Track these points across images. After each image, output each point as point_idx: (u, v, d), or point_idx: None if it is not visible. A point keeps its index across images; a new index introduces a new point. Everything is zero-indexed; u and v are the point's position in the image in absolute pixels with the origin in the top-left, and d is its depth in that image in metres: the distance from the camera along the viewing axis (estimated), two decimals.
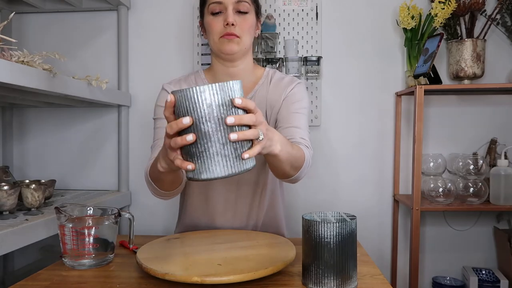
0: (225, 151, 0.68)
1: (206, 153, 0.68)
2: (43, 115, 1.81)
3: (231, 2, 1.07)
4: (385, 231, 1.75)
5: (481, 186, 1.52)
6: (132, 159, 1.77)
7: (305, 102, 1.14)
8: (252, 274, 0.82)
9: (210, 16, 1.09)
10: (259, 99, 1.16)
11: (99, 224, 0.95)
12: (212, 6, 1.08)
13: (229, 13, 1.07)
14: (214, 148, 0.67)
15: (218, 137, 0.67)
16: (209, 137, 0.67)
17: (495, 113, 1.71)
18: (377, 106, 1.73)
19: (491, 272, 1.65)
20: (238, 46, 1.09)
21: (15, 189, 1.16)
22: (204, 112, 0.66)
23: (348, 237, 0.79)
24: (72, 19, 1.78)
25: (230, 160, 0.68)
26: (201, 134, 0.67)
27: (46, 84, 1.13)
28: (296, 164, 0.96)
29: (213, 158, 0.68)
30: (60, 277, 0.91)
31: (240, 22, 1.08)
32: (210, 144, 0.67)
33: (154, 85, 1.76)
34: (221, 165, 0.68)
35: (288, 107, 1.12)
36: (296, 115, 1.10)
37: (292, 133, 1.06)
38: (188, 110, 0.67)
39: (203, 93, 0.66)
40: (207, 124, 0.66)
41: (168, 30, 1.76)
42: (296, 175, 1.00)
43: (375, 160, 1.74)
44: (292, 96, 1.14)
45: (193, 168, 0.69)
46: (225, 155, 0.68)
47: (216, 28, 1.09)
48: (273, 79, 1.18)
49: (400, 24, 1.62)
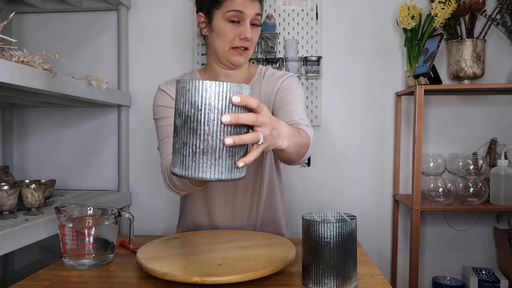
0: (218, 154, 0.62)
1: (197, 151, 0.62)
2: (43, 115, 1.81)
3: (251, 13, 1.04)
4: (385, 231, 1.75)
5: (481, 186, 1.52)
6: (132, 159, 1.77)
7: (299, 91, 1.12)
8: (252, 274, 0.82)
9: (225, 22, 1.05)
10: (253, 95, 1.15)
11: (99, 224, 0.95)
12: (231, 14, 1.04)
13: (247, 27, 1.04)
14: (206, 148, 0.62)
15: (213, 137, 0.62)
16: (205, 136, 0.62)
17: (495, 113, 1.71)
18: (377, 106, 1.73)
19: (491, 272, 1.65)
20: (245, 59, 1.10)
21: (15, 189, 1.16)
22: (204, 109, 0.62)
23: (348, 237, 0.79)
24: (72, 19, 1.78)
25: (219, 165, 0.62)
26: (203, 130, 0.62)
27: (46, 84, 1.13)
28: (303, 150, 0.93)
29: (204, 157, 0.62)
30: (60, 277, 0.91)
31: (254, 35, 1.07)
32: (204, 142, 0.62)
33: (154, 85, 1.74)
34: (211, 168, 0.62)
35: (282, 98, 1.10)
36: (291, 101, 1.08)
37: (290, 115, 1.04)
38: (192, 103, 0.62)
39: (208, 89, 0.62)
40: (206, 121, 0.62)
41: (168, 30, 1.76)
42: (301, 160, 0.98)
43: (375, 160, 1.74)
44: (284, 87, 1.12)
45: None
46: (216, 158, 0.62)
47: (231, 37, 1.05)
48: (265, 75, 1.18)
49: (400, 24, 1.62)
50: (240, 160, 0.65)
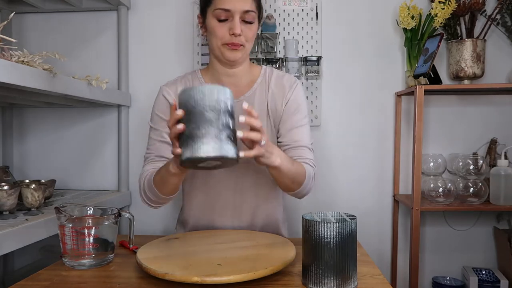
0: (221, 135, 0.76)
1: (199, 135, 0.76)
2: (43, 115, 1.81)
3: (239, 11, 1.05)
4: (385, 231, 1.75)
5: (481, 186, 1.52)
6: (132, 159, 1.77)
7: (304, 107, 1.17)
8: (252, 274, 0.82)
9: (215, 21, 1.07)
10: (258, 96, 1.17)
11: (99, 224, 0.95)
12: (218, 12, 1.06)
13: (236, 23, 1.05)
14: (210, 131, 0.76)
15: (218, 124, 0.77)
16: (210, 123, 0.76)
17: (495, 113, 1.71)
18: (377, 106, 1.73)
19: (491, 272, 1.65)
20: (241, 54, 1.10)
21: (15, 189, 1.16)
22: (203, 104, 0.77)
23: (348, 237, 0.79)
24: (72, 19, 1.78)
25: (219, 142, 0.75)
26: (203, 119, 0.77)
27: (46, 84, 1.13)
28: (298, 179, 1.04)
29: (206, 138, 0.75)
30: (60, 277, 0.91)
31: (246, 31, 1.08)
32: (208, 128, 0.76)
33: (154, 85, 1.75)
34: (210, 146, 0.75)
35: (290, 118, 1.15)
36: (299, 130, 1.15)
37: (300, 153, 1.12)
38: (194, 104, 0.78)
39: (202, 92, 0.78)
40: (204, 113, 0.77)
41: (168, 30, 1.76)
42: (299, 189, 1.08)
43: (375, 160, 1.74)
44: (293, 101, 1.16)
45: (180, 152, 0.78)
46: (219, 138, 0.76)
47: (221, 34, 1.07)
48: (272, 77, 1.19)
49: (400, 24, 1.62)
50: (243, 152, 0.81)
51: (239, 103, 1.10)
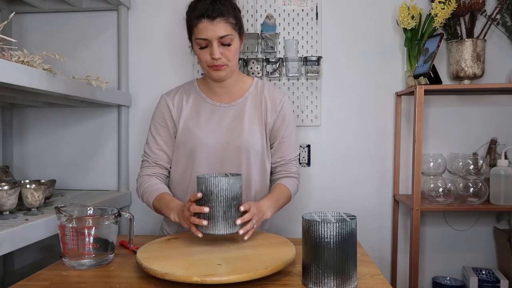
0: (231, 217, 0.99)
1: (216, 217, 0.98)
2: (43, 115, 1.81)
3: (215, 38, 1.14)
4: (385, 231, 1.75)
5: (481, 186, 1.52)
6: (132, 159, 1.77)
7: (292, 119, 1.30)
8: (252, 274, 0.82)
9: (197, 48, 1.18)
10: (250, 104, 1.27)
11: (99, 224, 0.95)
12: (198, 41, 1.16)
13: (214, 49, 1.15)
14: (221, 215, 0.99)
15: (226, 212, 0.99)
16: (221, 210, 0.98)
17: (495, 113, 1.71)
18: (377, 106, 1.73)
19: (491, 272, 1.65)
20: (225, 72, 1.21)
21: (15, 189, 1.16)
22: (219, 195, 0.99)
23: (348, 237, 0.79)
24: (72, 19, 1.78)
25: (229, 224, 0.99)
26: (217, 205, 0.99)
27: (46, 84, 1.13)
28: (286, 202, 1.26)
29: (219, 220, 0.98)
30: (60, 277, 0.91)
31: (225, 53, 1.17)
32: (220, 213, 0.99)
33: (154, 85, 1.76)
34: (223, 227, 0.99)
35: (279, 130, 1.28)
36: (288, 142, 1.28)
37: (287, 168, 1.29)
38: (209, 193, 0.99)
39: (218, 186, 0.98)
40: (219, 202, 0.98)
41: (168, 30, 1.76)
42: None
43: (375, 160, 1.74)
44: (282, 115, 1.28)
45: (206, 224, 0.98)
46: (228, 220, 0.99)
47: (204, 59, 1.18)
48: (264, 89, 1.29)
49: (400, 24, 1.62)
50: (246, 236, 1.02)
51: (236, 104, 1.26)
